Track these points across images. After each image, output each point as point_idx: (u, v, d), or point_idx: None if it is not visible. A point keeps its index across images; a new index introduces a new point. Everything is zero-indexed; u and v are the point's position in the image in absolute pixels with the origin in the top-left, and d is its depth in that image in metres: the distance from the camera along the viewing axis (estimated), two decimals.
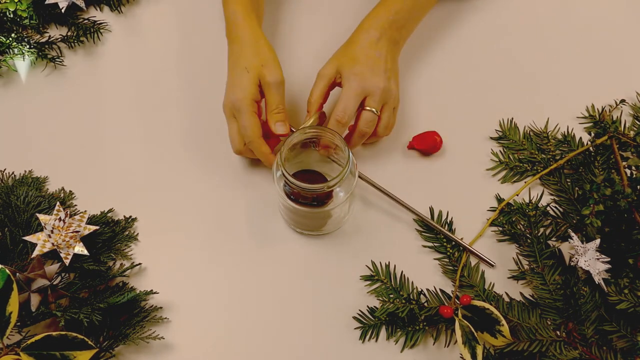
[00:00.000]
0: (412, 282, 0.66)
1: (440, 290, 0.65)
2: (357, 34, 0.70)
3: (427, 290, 0.66)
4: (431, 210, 0.69)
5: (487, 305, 0.61)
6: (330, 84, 0.69)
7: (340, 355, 0.63)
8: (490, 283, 0.66)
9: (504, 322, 0.60)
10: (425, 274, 0.67)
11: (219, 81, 0.78)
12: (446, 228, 0.68)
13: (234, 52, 0.68)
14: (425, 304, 0.64)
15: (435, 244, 0.68)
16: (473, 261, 0.67)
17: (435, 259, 0.67)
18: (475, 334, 0.60)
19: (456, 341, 0.61)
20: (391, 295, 0.65)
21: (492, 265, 0.66)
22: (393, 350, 0.63)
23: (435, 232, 0.68)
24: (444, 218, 0.69)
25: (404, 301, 0.64)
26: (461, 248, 0.67)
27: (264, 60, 0.66)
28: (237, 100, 0.65)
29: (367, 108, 0.67)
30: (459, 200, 0.70)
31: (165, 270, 0.68)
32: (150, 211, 0.70)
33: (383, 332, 0.64)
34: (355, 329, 0.64)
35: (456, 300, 0.64)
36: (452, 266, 0.66)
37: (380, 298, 0.65)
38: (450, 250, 0.67)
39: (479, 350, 0.59)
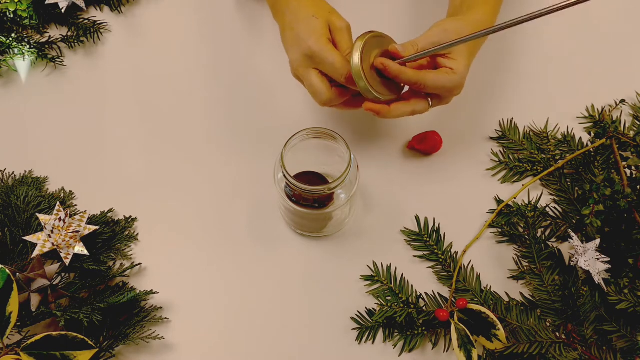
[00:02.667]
0: (412, 286, 0.66)
1: (439, 294, 0.65)
2: (473, 43, 0.64)
3: (426, 294, 0.66)
4: (417, 218, 0.69)
5: (483, 309, 0.61)
6: (438, 53, 0.62)
7: (338, 356, 0.63)
8: (488, 285, 0.66)
9: (500, 326, 0.60)
10: (426, 276, 0.67)
11: (220, 81, 0.78)
12: (434, 236, 0.68)
13: (293, 10, 0.64)
14: (424, 308, 0.64)
15: (426, 252, 0.68)
16: (465, 261, 0.67)
17: (428, 267, 0.67)
18: (471, 337, 0.60)
19: None
20: (389, 298, 0.65)
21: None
22: (390, 352, 0.63)
23: (424, 241, 0.68)
24: (442, 219, 0.69)
25: (402, 305, 0.64)
26: (454, 254, 0.67)
27: (329, 8, 0.64)
28: (314, 44, 0.60)
29: (429, 102, 0.63)
30: (458, 201, 0.70)
31: (165, 270, 0.68)
32: (150, 211, 0.70)
33: (380, 335, 0.64)
34: (352, 329, 0.64)
35: (452, 303, 0.64)
36: (447, 272, 0.66)
37: (379, 301, 0.65)
38: (442, 257, 0.67)
39: (475, 354, 0.59)
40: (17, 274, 0.61)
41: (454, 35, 0.61)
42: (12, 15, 0.79)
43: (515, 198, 0.70)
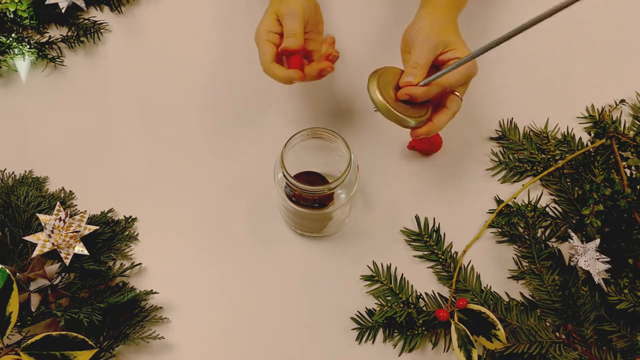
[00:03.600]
0: (412, 286, 0.66)
1: (439, 294, 0.65)
2: (454, 24, 0.66)
3: (426, 294, 0.66)
4: (417, 218, 0.69)
5: (483, 309, 0.61)
6: (436, 56, 0.63)
7: (338, 356, 0.63)
8: (488, 285, 0.66)
9: (500, 326, 0.60)
10: (426, 276, 0.67)
11: (220, 80, 0.78)
12: (434, 236, 0.68)
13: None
14: (424, 308, 0.64)
15: (426, 252, 0.68)
16: (465, 261, 0.67)
17: (428, 267, 0.67)
18: (471, 337, 0.60)
19: None
20: (389, 298, 0.65)
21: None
22: (390, 352, 0.63)
23: (424, 241, 0.68)
24: (442, 219, 0.69)
25: (402, 305, 0.64)
26: (454, 254, 0.67)
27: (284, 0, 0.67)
28: (257, 30, 0.67)
29: (457, 94, 0.63)
30: (458, 201, 0.70)
31: (165, 270, 0.68)
32: (150, 211, 0.70)
33: (380, 335, 0.64)
34: (352, 329, 0.64)
35: (452, 304, 0.64)
36: (447, 272, 0.66)
37: (379, 301, 0.65)
38: (442, 257, 0.67)
39: (475, 354, 0.59)
40: (17, 274, 0.61)
41: (437, 37, 0.62)
42: (12, 15, 0.79)
43: (515, 198, 0.70)
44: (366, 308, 0.65)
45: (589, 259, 0.63)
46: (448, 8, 0.66)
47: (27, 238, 0.65)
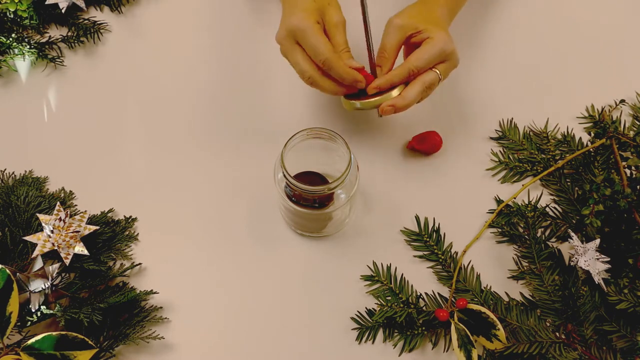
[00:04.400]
0: (412, 286, 0.66)
1: (439, 294, 0.65)
2: (435, 13, 0.66)
3: (426, 294, 0.66)
4: (417, 218, 0.69)
5: (483, 309, 0.61)
6: (405, 38, 0.64)
7: (338, 356, 0.63)
8: (488, 285, 0.66)
9: (500, 326, 0.60)
10: (426, 276, 0.67)
11: (220, 80, 0.78)
12: (434, 236, 0.68)
13: None
14: (424, 308, 0.64)
15: (426, 252, 0.68)
16: (466, 261, 0.67)
17: (428, 267, 0.67)
18: (471, 337, 0.60)
19: None
20: (389, 298, 0.65)
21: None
22: (390, 352, 0.63)
23: (424, 241, 0.68)
24: (442, 219, 0.69)
25: (402, 305, 0.64)
26: (454, 254, 0.67)
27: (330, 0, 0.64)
28: (299, 21, 0.60)
29: (436, 70, 0.63)
30: (458, 201, 0.70)
31: (165, 270, 0.68)
32: (150, 211, 0.70)
33: (380, 335, 0.64)
34: (352, 329, 0.64)
35: (452, 304, 0.64)
36: (447, 272, 0.66)
37: (379, 301, 0.65)
38: (442, 257, 0.67)
39: (475, 354, 0.59)
40: (17, 274, 0.61)
41: (404, 20, 0.64)
42: (12, 16, 0.79)
43: (515, 198, 0.70)
44: (366, 308, 0.65)
45: (589, 259, 0.63)
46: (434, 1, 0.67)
47: (27, 238, 0.65)
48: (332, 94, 0.64)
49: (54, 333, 0.58)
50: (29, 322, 0.61)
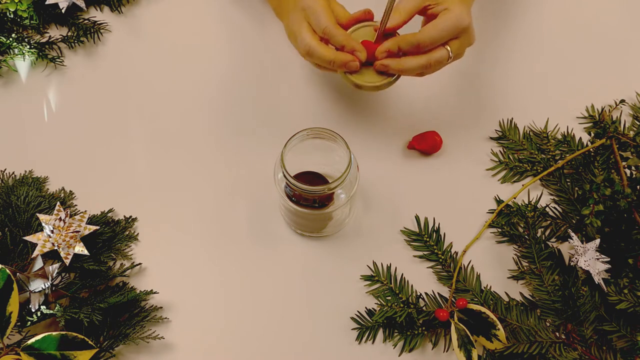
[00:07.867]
0: (412, 286, 0.66)
1: (439, 294, 0.65)
2: None
3: (426, 294, 0.66)
4: (417, 218, 0.69)
5: (483, 309, 0.61)
6: (422, 7, 0.62)
7: (338, 356, 0.63)
8: (488, 285, 0.66)
9: (500, 326, 0.60)
10: (426, 276, 0.67)
11: (219, 81, 0.78)
12: (434, 236, 0.68)
13: None
14: (424, 308, 0.64)
15: (426, 252, 0.68)
16: (465, 261, 0.67)
17: (428, 267, 0.67)
18: (471, 337, 0.60)
19: None
20: (389, 298, 0.65)
21: None
22: (390, 352, 0.63)
23: (424, 241, 0.68)
24: (442, 219, 0.69)
25: (402, 305, 0.64)
26: (454, 254, 0.67)
27: None
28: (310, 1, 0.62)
29: (447, 47, 0.62)
30: (458, 201, 0.70)
31: (165, 270, 0.68)
32: (150, 211, 0.71)
33: (380, 335, 0.64)
34: (352, 329, 0.64)
35: (452, 303, 0.64)
36: (447, 272, 0.66)
37: (379, 301, 0.65)
38: (442, 257, 0.67)
39: (475, 354, 0.59)
40: (17, 274, 0.61)
41: None
42: (12, 16, 0.79)
43: (515, 198, 0.70)
44: (366, 308, 0.65)
45: (589, 259, 0.63)
46: None
47: (27, 238, 0.65)
48: (329, 65, 0.63)
49: (54, 333, 0.58)
50: (29, 322, 0.61)
